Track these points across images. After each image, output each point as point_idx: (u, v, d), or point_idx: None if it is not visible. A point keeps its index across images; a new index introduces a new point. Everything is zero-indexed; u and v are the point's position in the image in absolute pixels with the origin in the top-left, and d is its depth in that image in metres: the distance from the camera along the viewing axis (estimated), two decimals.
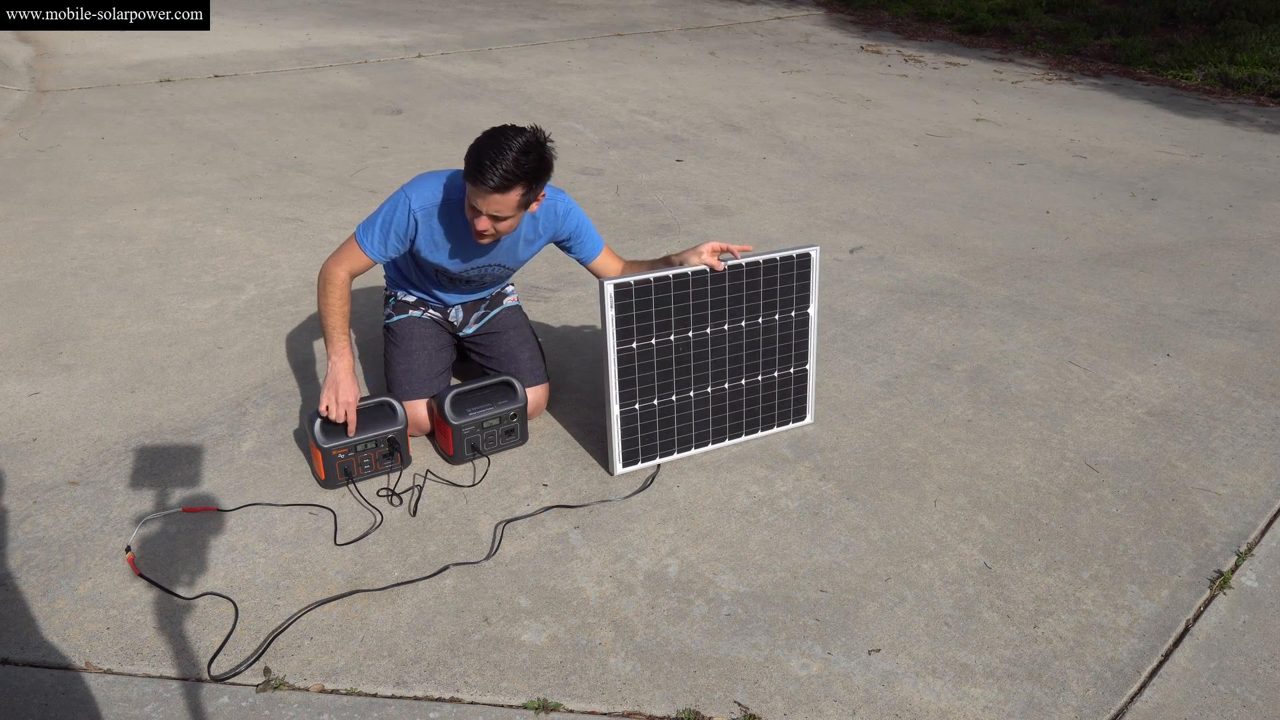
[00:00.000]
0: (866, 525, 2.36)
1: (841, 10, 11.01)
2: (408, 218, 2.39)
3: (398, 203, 2.39)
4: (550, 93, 6.69)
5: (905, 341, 3.32)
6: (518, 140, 2.15)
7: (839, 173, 5.26)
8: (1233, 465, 2.67)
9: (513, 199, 2.20)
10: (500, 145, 2.14)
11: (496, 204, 2.20)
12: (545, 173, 2.24)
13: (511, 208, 2.22)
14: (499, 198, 2.18)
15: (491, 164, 2.13)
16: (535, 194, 2.26)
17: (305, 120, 5.76)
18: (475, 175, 2.16)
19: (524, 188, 2.20)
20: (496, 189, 2.16)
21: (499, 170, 2.13)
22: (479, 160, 2.15)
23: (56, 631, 1.93)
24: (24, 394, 2.78)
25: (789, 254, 2.52)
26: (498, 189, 2.16)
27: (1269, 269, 4.10)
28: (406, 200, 2.38)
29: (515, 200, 2.21)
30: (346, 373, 2.38)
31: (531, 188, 2.22)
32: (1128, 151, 5.91)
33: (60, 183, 4.52)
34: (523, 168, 2.16)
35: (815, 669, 1.92)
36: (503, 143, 2.14)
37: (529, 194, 2.23)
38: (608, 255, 2.60)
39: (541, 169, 2.22)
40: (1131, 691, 1.90)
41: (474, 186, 2.19)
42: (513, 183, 2.17)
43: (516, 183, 2.17)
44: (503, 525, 2.30)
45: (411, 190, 2.39)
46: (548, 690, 1.85)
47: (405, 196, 2.39)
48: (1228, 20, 9.25)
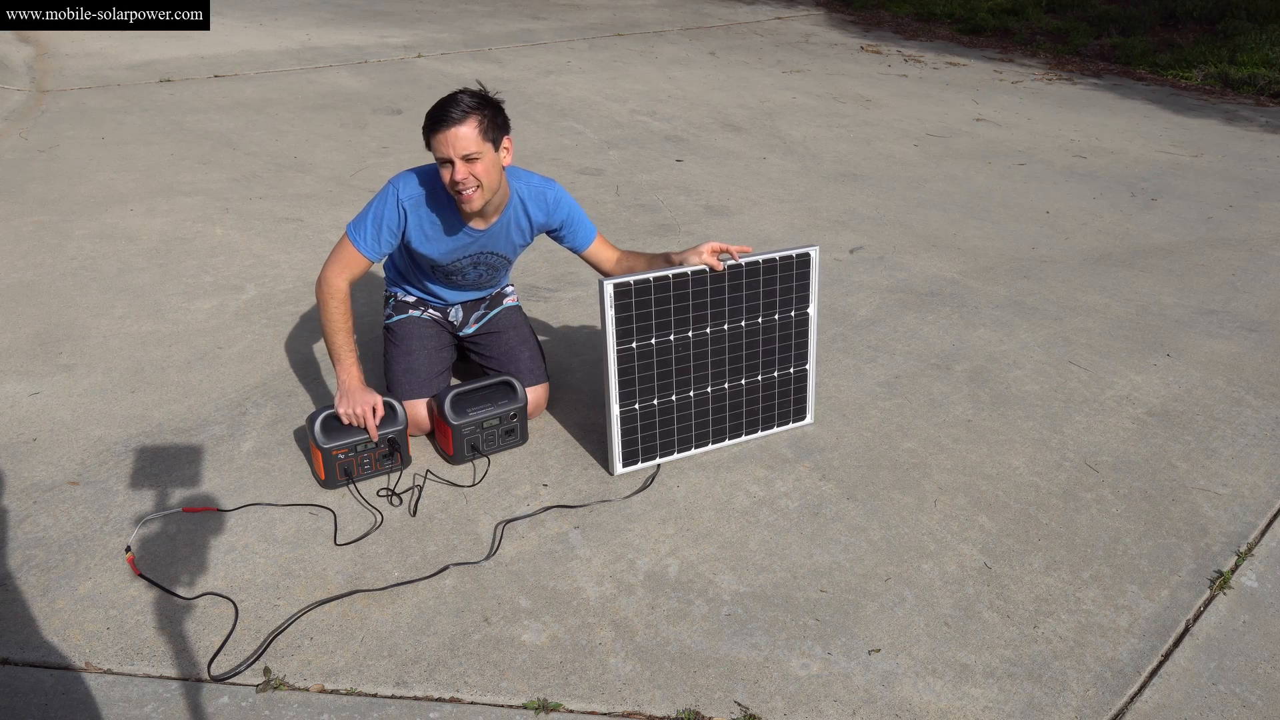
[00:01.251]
0: (866, 525, 2.36)
1: (841, 10, 11.01)
2: (397, 209, 2.40)
3: (386, 196, 2.41)
4: (550, 93, 6.69)
5: (905, 341, 3.32)
6: (462, 90, 2.27)
7: (839, 173, 5.26)
8: (1233, 465, 2.67)
9: (474, 130, 2.22)
10: (448, 96, 2.25)
11: (463, 140, 2.22)
12: (498, 107, 2.30)
13: (477, 141, 2.24)
14: (462, 130, 2.21)
15: (444, 107, 2.23)
16: (497, 127, 2.29)
17: (305, 120, 5.76)
18: (434, 122, 2.23)
19: (479, 115, 2.23)
20: (457, 121, 2.21)
21: (454, 107, 2.21)
22: (433, 112, 2.24)
23: (56, 631, 1.93)
24: (24, 394, 2.78)
25: (789, 254, 2.52)
26: (458, 121, 2.21)
27: (1269, 269, 4.10)
28: (395, 191, 2.40)
29: (478, 131, 2.23)
30: (358, 383, 2.40)
31: (487, 116, 2.25)
32: (1128, 151, 5.91)
33: (60, 183, 4.52)
34: (474, 98, 2.24)
35: (815, 669, 1.92)
36: (449, 95, 2.26)
37: (486, 123, 2.25)
38: (601, 243, 2.60)
39: (490, 102, 2.28)
40: (1131, 691, 1.90)
41: (436, 134, 2.23)
42: (470, 112, 2.22)
43: (472, 112, 2.22)
44: (503, 525, 2.30)
45: (399, 182, 2.41)
46: (548, 690, 1.85)
47: (393, 188, 2.41)
48: (1228, 20, 9.25)
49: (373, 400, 2.38)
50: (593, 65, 7.62)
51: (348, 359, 2.42)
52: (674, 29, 9.33)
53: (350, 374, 2.40)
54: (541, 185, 2.51)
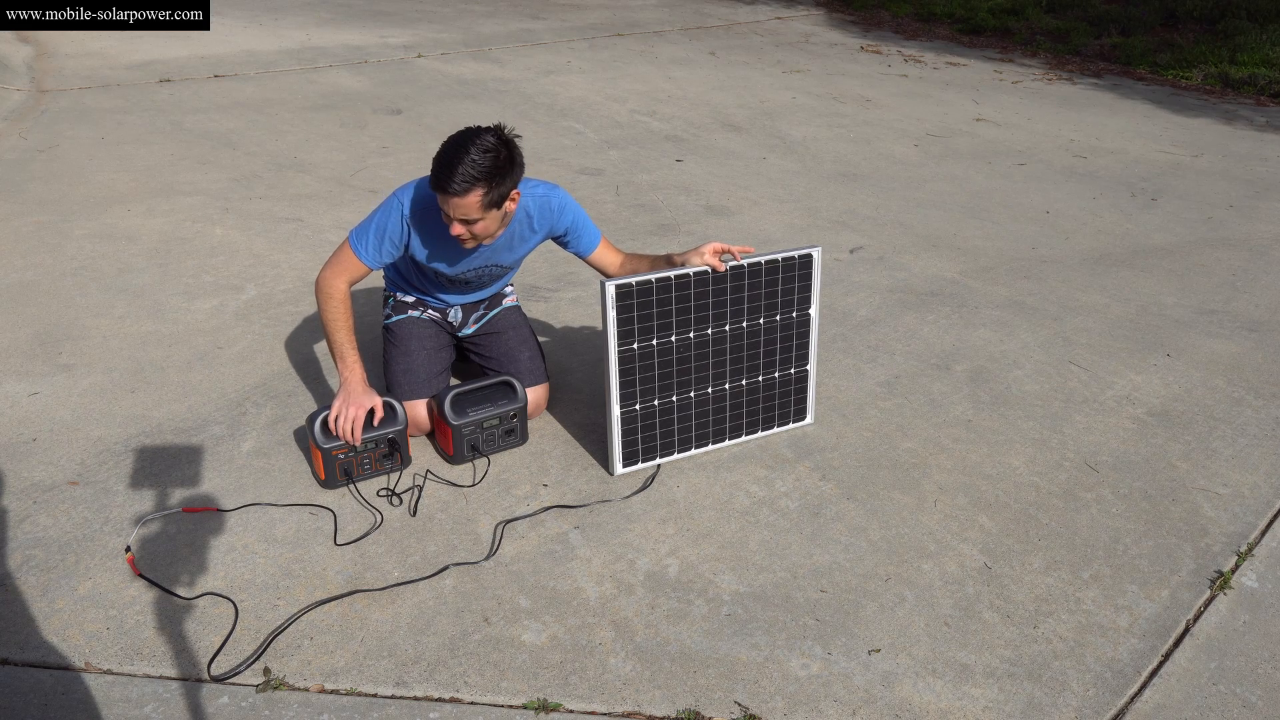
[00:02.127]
0: (866, 525, 2.36)
1: (841, 10, 11.01)
2: (400, 223, 2.39)
3: (391, 208, 2.39)
4: (550, 93, 6.69)
5: (905, 341, 3.32)
6: (478, 142, 2.13)
7: (839, 173, 5.26)
8: (1233, 465, 2.67)
9: (473, 201, 2.16)
10: (460, 148, 2.13)
11: (461, 208, 2.18)
12: (506, 172, 2.19)
13: (476, 210, 2.19)
14: (459, 201, 2.16)
15: (449, 169, 2.12)
16: (501, 194, 2.21)
17: (305, 120, 5.76)
18: (434, 179, 2.16)
19: (484, 189, 2.16)
20: (456, 193, 2.14)
21: (456, 174, 2.12)
22: (438, 164, 2.15)
23: (56, 631, 1.93)
24: (24, 394, 2.78)
25: (791, 255, 2.52)
26: (457, 193, 2.14)
27: (1269, 269, 4.10)
28: (400, 205, 2.38)
29: (477, 203, 2.17)
30: (360, 383, 2.39)
31: (493, 188, 2.17)
32: (1128, 151, 5.91)
33: (60, 183, 4.52)
34: (480, 169, 2.13)
35: (815, 669, 1.92)
36: (463, 145, 2.13)
37: (491, 195, 2.18)
38: (605, 247, 2.59)
39: (499, 168, 2.17)
40: (1131, 692, 1.90)
41: (438, 191, 2.18)
42: (470, 185, 2.14)
43: (474, 185, 2.14)
44: (503, 525, 2.30)
45: (404, 194, 2.39)
46: (548, 690, 1.85)
47: (398, 201, 2.39)
48: (1228, 20, 9.25)
49: (370, 403, 2.38)
50: (593, 65, 7.62)
51: (350, 356, 2.41)
52: (674, 29, 9.33)
53: (353, 372, 2.40)
54: (546, 193, 2.48)
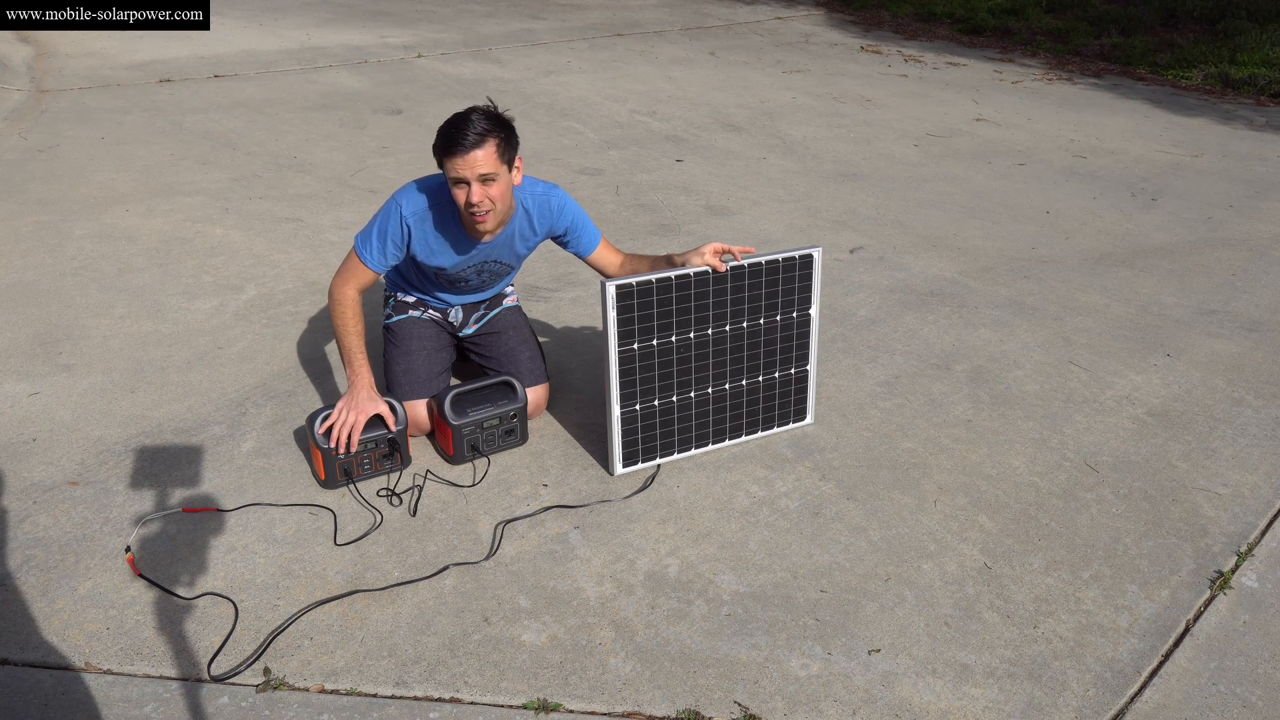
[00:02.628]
0: (866, 525, 2.36)
1: (841, 10, 11.01)
2: (400, 225, 2.41)
3: (390, 211, 2.42)
4: (550, 93, 6.69)
5: (905, 341, 3.32)
6: (475, 109, 2.24)
7: (839, 173, 5.26)
8: (1233, 465, 2.67)
9: (492, 153, 2.22)
10: (460, 116, 2.23)
11: (480, 163, 2.22)
12: (511, 128, 2.29)
13: (495, 163, 2.24)
14: (479, 154, 2.21)
15: (460, 130, 2.20)
16: (512, 148, 2.29)
17: (305, 120, 5.76)
18: (450, 145, 2.21)
19: (498, 138, 2.23)
20: (474, 145, 2.20)
21: (470, 129, 2.20)
22: (447, 134, 2.22)
23: (56, 631, 1.93)
24: (24, 394, 2.78)
25: (791, 255, 2.52)
26: (475, 145, 2.20)
27: (1269, 269, 4.10)
28: (398, 207, 2.41)
29: (495, 154, 2.23)
30: (367, 388, 2.40)
31: (505, 138, 2.26)
32: (1128, 151, 5.91)
33: (60, 183, 4.52)
34: (490, 120, 2.23)
35: (815, 669, 1.92)
36: (462, 115, 2.23)
37: (506, 146, 2.26)
38: (605, 247, 2.61)
39: (504, 122, 2.27)
40: (1131, 692, 1.90)
41: (452, 158, 2.22)
42: (485, 135, 2.21)
43: (489, 134, 2.21)
44: (503, 525, 2.30)
45: (402, 197, 2.42)
46: (548, 690, 1.85)
47: (396, 204, 2.41)
48: (1228, 20, 9.25)
49: (374, 409, 2.38)
50: (593, 65, 7.62)
51: (358, 361, 2.42)
52: (674, 29, 9.33)
53: (360, 378, 2.41)
54: (545, 192, 2.50)
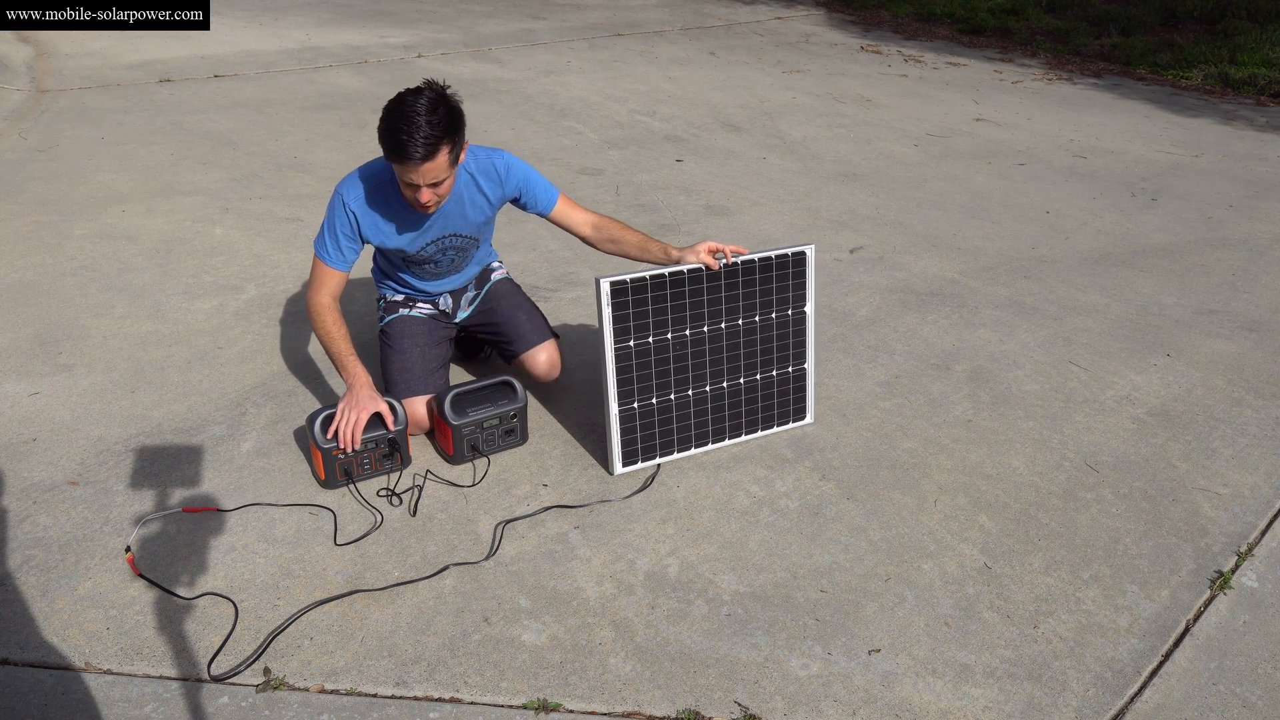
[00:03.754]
0: (866, 525, 2.36)
1: (841, 10, 11.01)
2: (346, 213, 2.39)
3: (334, 204, 2.40)
4: (550, 93, 6.69)
5: (905, 341, 3.32)
6: (420, 103, 2.13)
7: (839, 173, 5.26)
8: (1233, 465, 2.67)
9: (442, 161, 2.18)
10: (408, 115, 2.11)
11: (430, 172, 2.18)
12: (460, 122, 2.21)
13: (444, 169, 2.20)
14: (428, 166, 2.16)
15: (408, 137, 2.11)
16: (460, 146, 2.24)
17: (305, 120, 5.76)
18: (398, 152, 2.14)
19: (448, 145, 2.17)
20: (425, 158, 2.14)
21: (418, 139, 2.11)
22: (394, 138, 2.13)
23: (56, 631, 1.93)
24: (24, 394, 2.78)
25: (784, 253, 2.52)
26: (425, 158, 2.14)
27: (1269, 269, 4.10)
28: (340, 198, 2.39)
29: (445, 161, 2.18)
30: (366, 387, 2.38)
31: (455, 142, 2.20)
32: (1128, 151, 5.91)
33: (60, 183, 4.52)
34: (438, 127, 2.12)
35: (815, 669, 1.92)
36: (408, 111, 2.11)
37: (454, 149, 2.21)
38: (567, 204, 2.55)
39: (454, 120, 2.18)
40: (1131, 692, 1.90)
41: (401, 164, 2.17)
42: (436, 145, 2.14)
43: (439, 144, 2.14)
44: (503, 525, 2.30)
45: (343, 187, 2.40)
46: (548, 690, 1.85)
47: (339, 195, 2.39)
48: (1228, 20, 9.25)
49: (375, 407, 2.37)
50: (593, 65, 7.62)
51: (350, 363, 2.41)
52: (674, 29, 9.33)
53: (357, 378, 2.39)
54: (488, 156, 2.46)
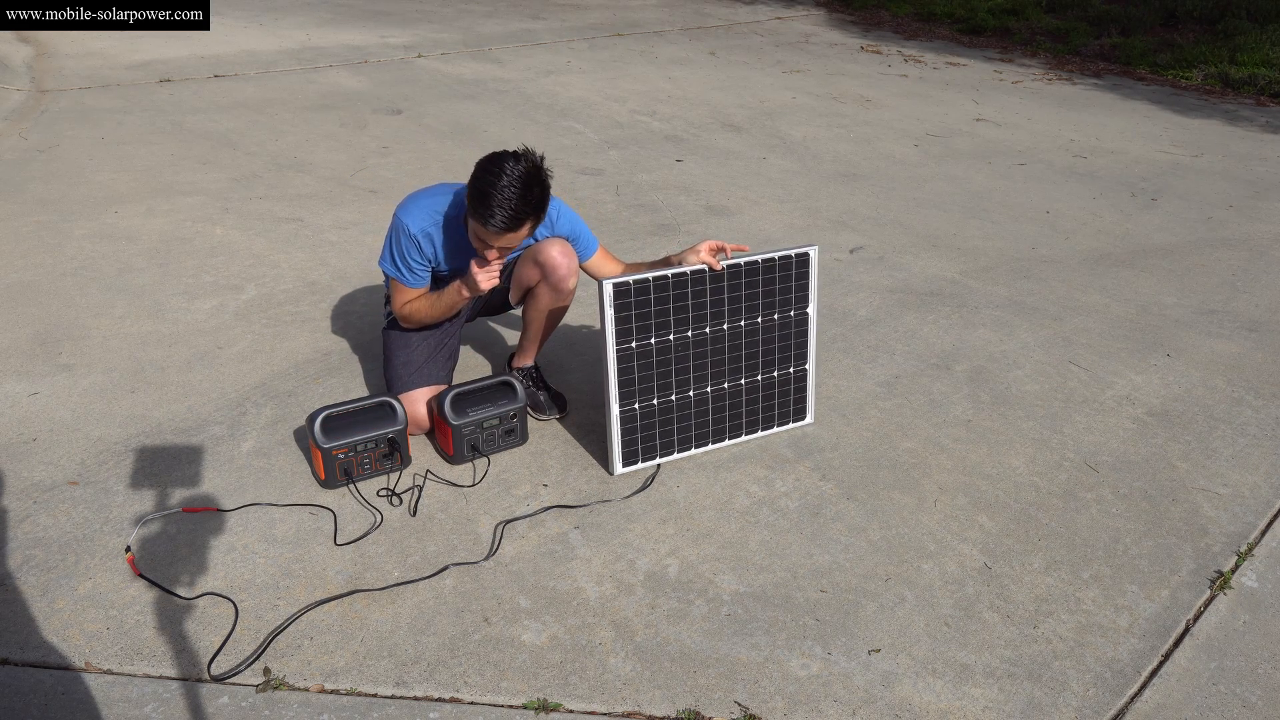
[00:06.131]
0: (866, 525, 2.36)
1: (841, 10, 11.01)
2: (414, 243, 2.44)
3: (398, 234, 2.45)
4: (550, 93, 6.69)
5: (905, 341, 3.32)
6: (517, 171, 2.15)
7: (839, 173, 5.26)
8: (1233, 465, 2.67)
9: (523, 234, 2.27)
10: (503, 184, 2.14)
11: (509, 240, 2.26)
12: (547, 200, 2.28)
13: (522, 240, 2.30)
14: (511, 236, 2.24)
15: (500, 207, 2.15)
16: (540, 222, 2.32)
17: (305, 120, 5.76)
18: (484, 217, 2.18)
19: (532, 221, 2.26)
20: (507, 229, 2.20)
21: (507, 212, 2.17)
22: (485, 203, 2.16)
23: (56, 631, 1.93)
24: (24, 394, 2.78)
25: (788, 253, 2.52)
26: (508, 229, 2.20)
27: (1269, 269, 4.10)
28: (405, 228, 2.43)
29: (526, 234, 2.28)
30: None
31: (539, 220, 2.28)
32: (1128, 151, 5.91)
33: (60, 183, 4.52)
34: (529, 204, 2.20)
35: (815, 669, 1.92)
36: (504, 180, 2.15)
37: (536, 223, 2.29)
38: (604, 256, 2.63)
39: (545, 199, 2.25)
40: (1131, 691, 1.90)
41: (484, 227, 2.21)
42: (522, 221, 2.22)
43: (525, 219, 2.23)
44: (503, 525, 2.30)
45: (406, 217, 2.44)
46: (548, 690, 1.85)
47: (402, 226, 2.43)
48: (1228, 20, 9.25)
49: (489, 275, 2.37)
50: (593, 65, 7.62)
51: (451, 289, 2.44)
52: (674, 29, 9.33)
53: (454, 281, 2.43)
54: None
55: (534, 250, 2.53)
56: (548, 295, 2.58)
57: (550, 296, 2.58)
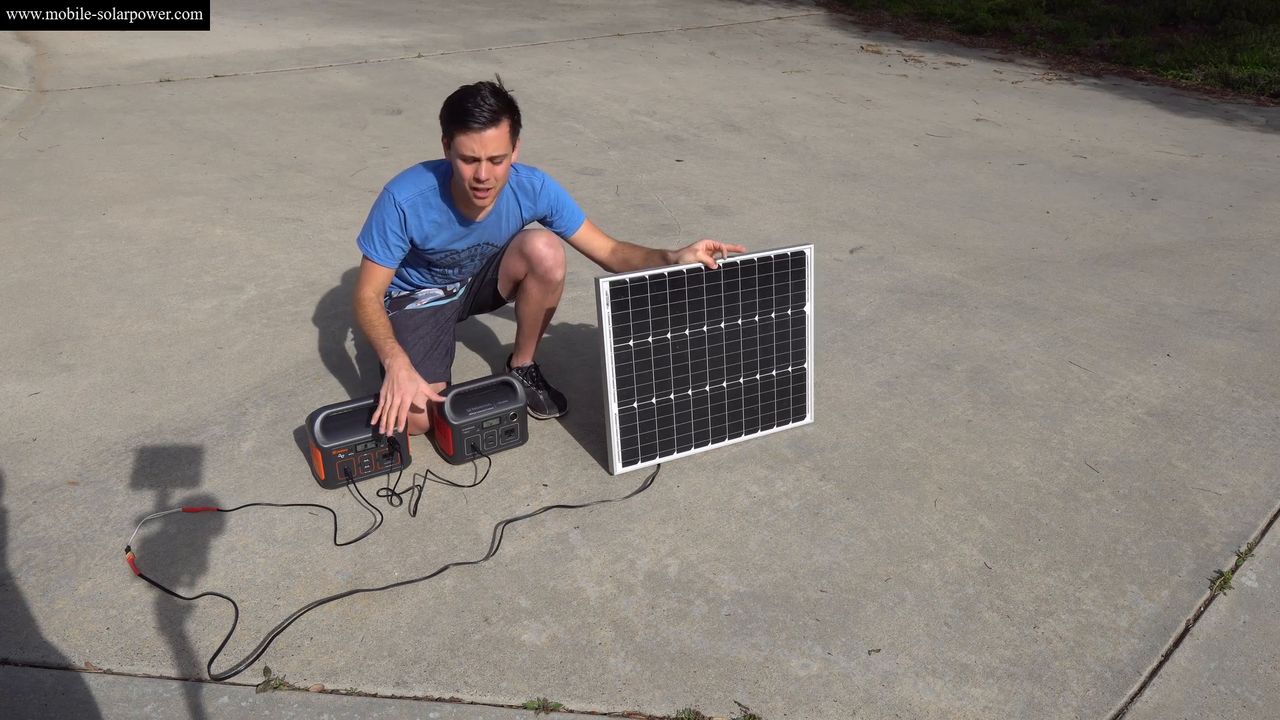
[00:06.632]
0: (866, 525, 2.36)
1: (841, 10, 11.01)
2: (396, 210, 2.43)
3: (384, 203, 2.45)
4: (550, 93, 6.69)
5: (905, 341, 3.32)
6: (484, 86, 2.29)
7: (839, 173, 5.26)
8: (1233, 465, 2.67)
9: (505, 133, 2.29)
10: (473, 91, 2.27)
11: (493, 142, 2.27)
12: (518, 109, 2.36)
13: (505, 143, 2.30)
14: (493, 133, 2.26)
15: (475, 105, 2.24)
16: (518, 129, 2.36)
17: (305, 120, 5.76)
18: (463, 120, 2.25)
19: (509, 118, 2.30)
20: (489, 124, 2.25)
21: (485, 107, 2.24)
22: (462, 107, 2.26)
23: (56, 631, 1.93)
24: (24, 394, 2.78)
25: (783, 252, 2.52)
26: (490, 123, 2.25)
27: (1269, 269, 4.10)
28: (391, 197, 2.44)
29: (507, 133, 2.30)
30: (405, 369, 2.36)
31: (514, 121, 2.33)
32: (1128, 151, 5.91)
33: (60, 183, 4.52)
34: (503, 100, 2.28)
35: (815, 669, 1.92)
36: (474, 89, 2.27)
37: (515, 127, 2.33)
38: (590, 229, 2.64)
39: (514, 103, 2.33)
40: (1131, 692, 1.90)
41: (465, 133, 2.26)
42: (500, 114, 2.26)
43: (503, 114, 2.27)
44: (503, 525, 2.30)
45: (393, 186, 2.45)
46: (548, 690, 1.85)
47: (389, 193, 2.45)
48: (1228, 20, 9.25)
49: (416, 389, 2.33)
50: (593, 65, 7.62)
51: (389, 345, 2.40)
52: (674, 29, 9.33)
53: (396, 359, 2.37)
54: (528, 174, 2.57)
55: (520, 241, 2.59)
56: (536, 288, 2.62)
57: (539, 289, 2.62)
